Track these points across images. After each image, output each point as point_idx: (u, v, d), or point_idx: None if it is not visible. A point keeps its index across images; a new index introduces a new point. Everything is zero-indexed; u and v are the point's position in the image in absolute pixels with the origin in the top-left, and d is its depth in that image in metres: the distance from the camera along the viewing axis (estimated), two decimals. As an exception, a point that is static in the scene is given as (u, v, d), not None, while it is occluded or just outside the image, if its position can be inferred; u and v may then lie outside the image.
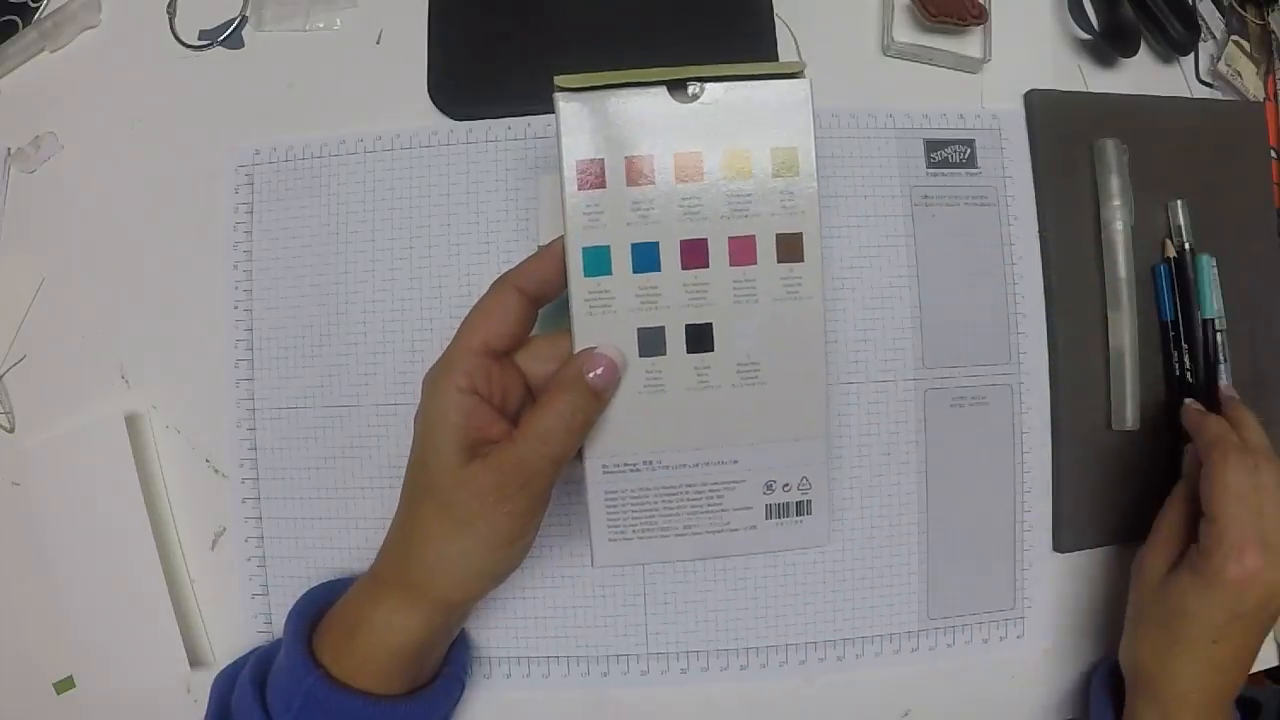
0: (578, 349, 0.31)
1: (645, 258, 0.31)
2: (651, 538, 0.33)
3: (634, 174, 0.30)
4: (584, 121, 0.30)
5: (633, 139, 0.30)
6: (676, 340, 0.31)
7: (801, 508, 0.33)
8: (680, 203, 0.30)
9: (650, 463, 0.32)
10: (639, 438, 0.32)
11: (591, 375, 0.30)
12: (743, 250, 0.31)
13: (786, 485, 0.33)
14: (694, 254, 0.31)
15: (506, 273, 0.32)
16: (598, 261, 0.30)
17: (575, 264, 0.30)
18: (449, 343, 0.32)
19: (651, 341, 0.31)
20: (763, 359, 0.32)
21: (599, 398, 0.30)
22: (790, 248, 0.31)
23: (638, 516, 0.33)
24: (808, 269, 0.31)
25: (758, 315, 0.31)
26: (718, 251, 0.31)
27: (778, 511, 0.33)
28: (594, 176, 0.30)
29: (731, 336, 0.31)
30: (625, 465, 0.32)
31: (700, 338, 0.31)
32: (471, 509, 0.30)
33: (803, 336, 0.32)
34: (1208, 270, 0.43)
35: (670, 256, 0.31)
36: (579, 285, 0.31)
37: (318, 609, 0.36)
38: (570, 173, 0.30)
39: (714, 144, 0.30)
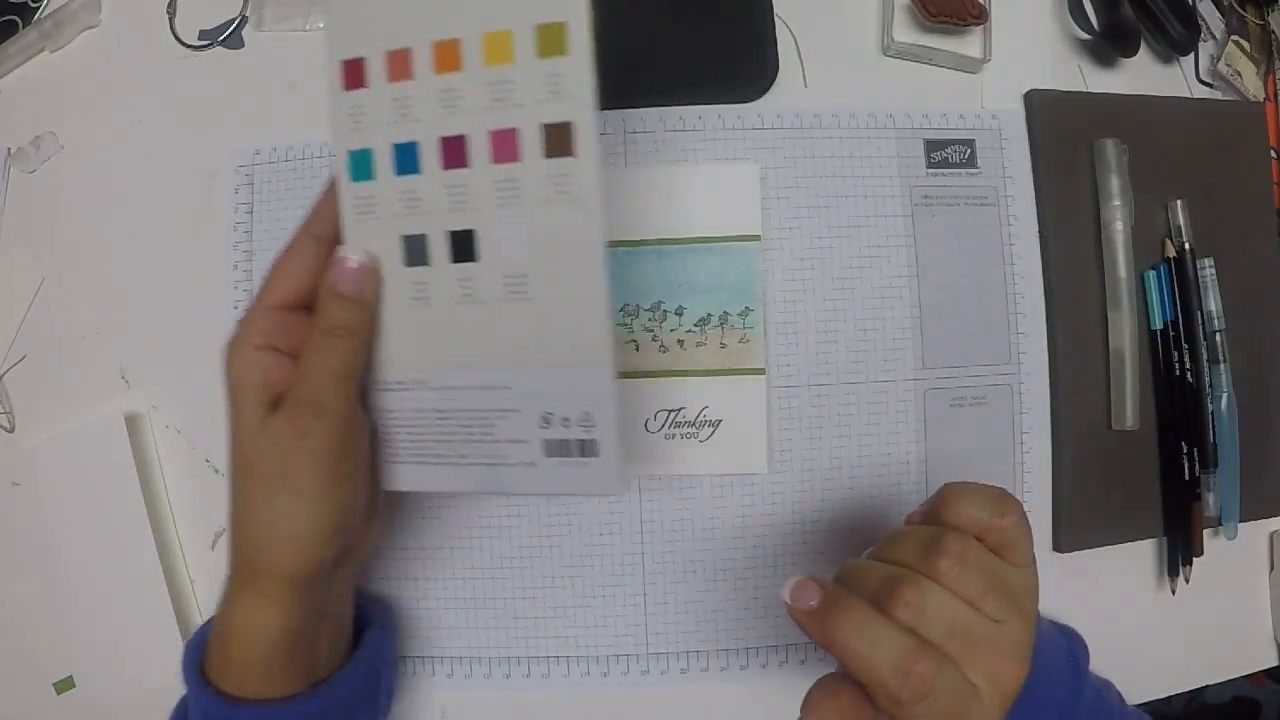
0: None
1: (406, 159, 0.29)
2: (427, 463, 0.31)
3: (394, 68, 0.28)
4: (348, 18, 0.28)
5: (393, 31, 0.28)
6: (440, 248, 0.29)
7: (585, 448, 0.29)
8: (439, 96, 0.28)
9: (421, 381, 0.30)
10: (408, 354, 0.30)
11: (340, 282, 0.29)
12: (504, 145, 0.28)
13: (566, 420, 0.29)
14: (453, 152, 0.28)
15: (304, 219, 0.31)
16: (362, 165, 0.29)
17: (341, 169, 0.29)
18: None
19: (416, 250, 0.29)
20: (531, 271, 0.29)
21: (357, 303, 0.29)
22: (559, 141, 0.27)
23: (414, 440, 0.31)
24: (580, 165, 0.27)
25: (524, 220, 0.28)
26: (478, 148, 0.28)
27: (558, 449, 0.30)
28: (357, 75, 0.28)
29: (496, 244, 0.29)
30: (397, 383, 0.31)
31: (463, 246, 0.29)
32: (275, 459, 0.29)
33: (577, 247, 0.28)
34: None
35: (430, 156, 0.28)
36: (346, 192, 0.29)
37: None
38: (335, 73, 0.29)
39: (472, 27, 0.28)
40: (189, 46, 0.46)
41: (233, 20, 0.46)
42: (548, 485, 0.30)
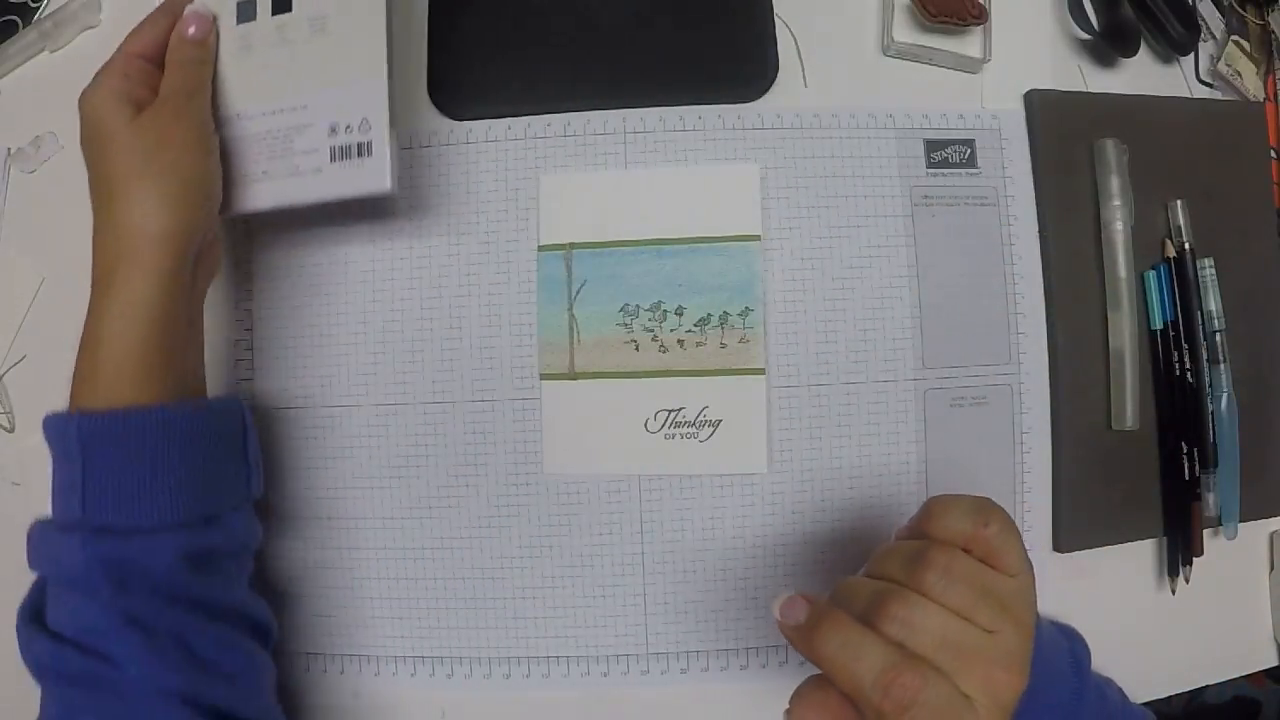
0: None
1: None
2: (236, 184, 0.37)
3: None
4: None
5: None
6: (264, 6, 0.37)
7: (362, 149, 0.36)
8: None
9: (239, 114, 0.37)
10: (231, 93, 0.37)
11: (188, 28, 0.36)
12: None
13: (349, 127, 0.36)
14: None
15: None
16: None
17: None
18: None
19: (246, 9, 0.37)
20: (331, 11, 0.36)
21: (201, 44, 0.36)
22: None
23: (229, 165, 0.37)
24: None
25: None
26: None
27: (341, 154, 0.36)
28: None
29: None
30: (222, 119, 0.37)
31: (281, 1, 0.37)
32: (150, 140, 0.33)
33: None
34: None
35: None
36: None
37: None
38: None
39: None
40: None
41: None
42: (331, 189, 0.37)
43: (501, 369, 0.43)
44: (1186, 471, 0.43)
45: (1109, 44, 0.45)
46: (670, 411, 0.42)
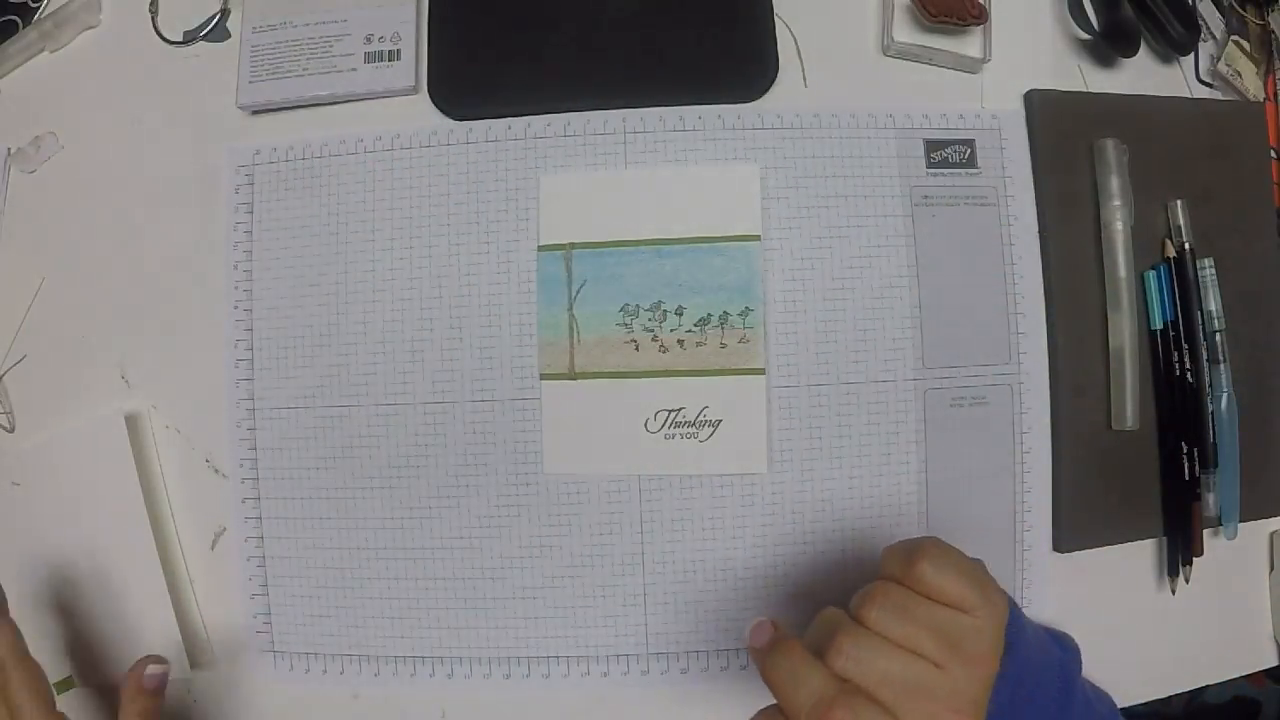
0: None
1: None
2: (280, 78, 0.43)
3: None
4: None
5: None
6: None
7: (392, 55, 0.43)
8: None
9: (286, 22, 0.44)
10: (279, 3, 0.44)
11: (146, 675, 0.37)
12: None
13: (382, 38, 0.44)
14: None
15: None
16: None
17: None
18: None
19: None
20: None
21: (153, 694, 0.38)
22: None
23: (273, 64, 0.44)
24: None
25: None
26: None
27: (374, 57, 0.43)
28: None
29: None
30: (267, 26, 0.44)
31: None
32: None
33: None
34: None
35: None
36: None
37: None
38: None
39: None
40: (172, 43, 0.46)
41: (213, 15, 0.46)
42: (362, 86, 0.43)
43: (502, 369, 0.43)
44: (1186, 471, 0.43)
45: (1109, 44, 0.45)
46: (670, 411, 0.42)
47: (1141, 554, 0.45)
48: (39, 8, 0.47)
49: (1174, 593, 0.44)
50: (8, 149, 0.46)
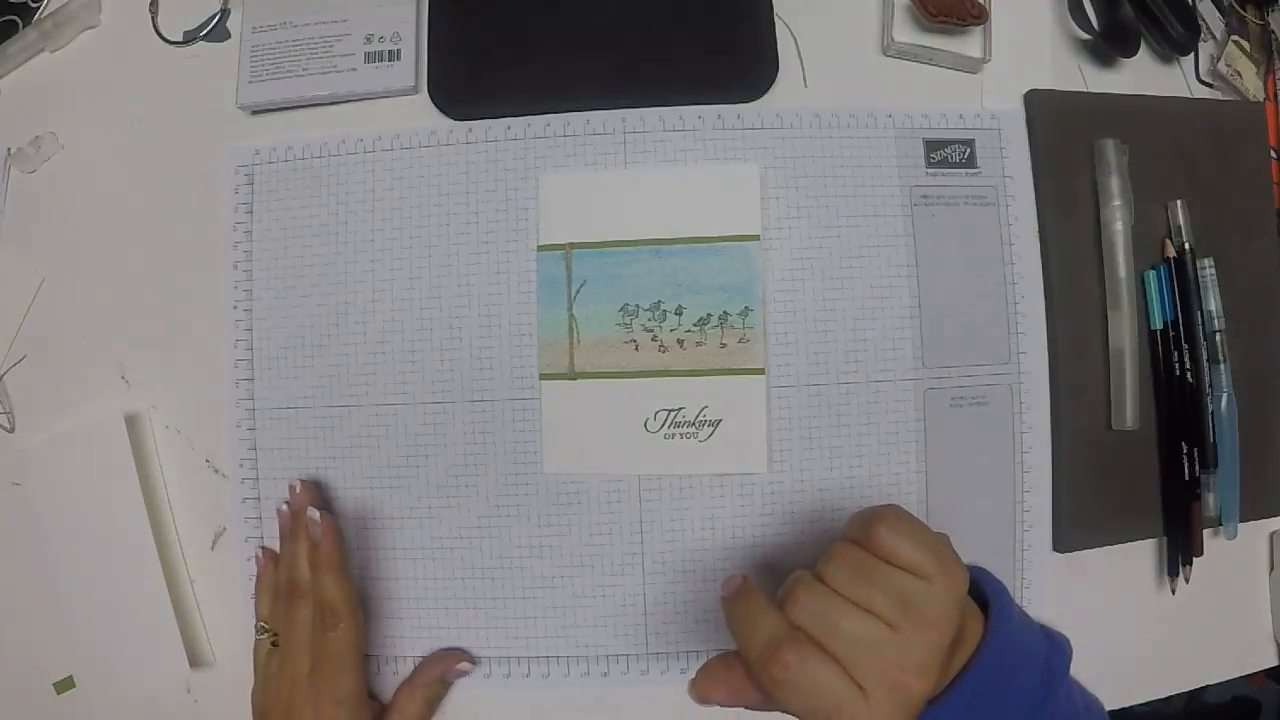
0: None
1: None
2: (280, 78, 0.43)
3: None
4: None
5: None
6: None
7: (391, 55, 0.44)
8: None
9: (286, 22, 0.44)
10: (281, 3, 0.44)
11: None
12: None
13: (382, 38, 0.44)
14: None
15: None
16: None
17: None
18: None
19: None
20: None
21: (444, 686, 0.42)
22: None
23: (273, 64, 0.44)
24: None
25: None
26: None
27: (374, 58, 0.43)
28: None
29: None
30: (267, 26, 0.44)
31: None
32: None
33: None
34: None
35: None
36: None
37: None
38: None
39: None
40: (172, 43, 0.46)
41: (213, 15, 0.46)
42: (362, 85, 0.44)
43: (501, 369, 0.43)
44: (1186, 471, 0.43)
45: (1109, 44, 0.45)
46: (670, 411, 0.42)
47: (1141, 554, 0.45)
48: (39, 8, 0.47)
49: (1174, 593, 0.44)
50: (8, 149, 0.46)
